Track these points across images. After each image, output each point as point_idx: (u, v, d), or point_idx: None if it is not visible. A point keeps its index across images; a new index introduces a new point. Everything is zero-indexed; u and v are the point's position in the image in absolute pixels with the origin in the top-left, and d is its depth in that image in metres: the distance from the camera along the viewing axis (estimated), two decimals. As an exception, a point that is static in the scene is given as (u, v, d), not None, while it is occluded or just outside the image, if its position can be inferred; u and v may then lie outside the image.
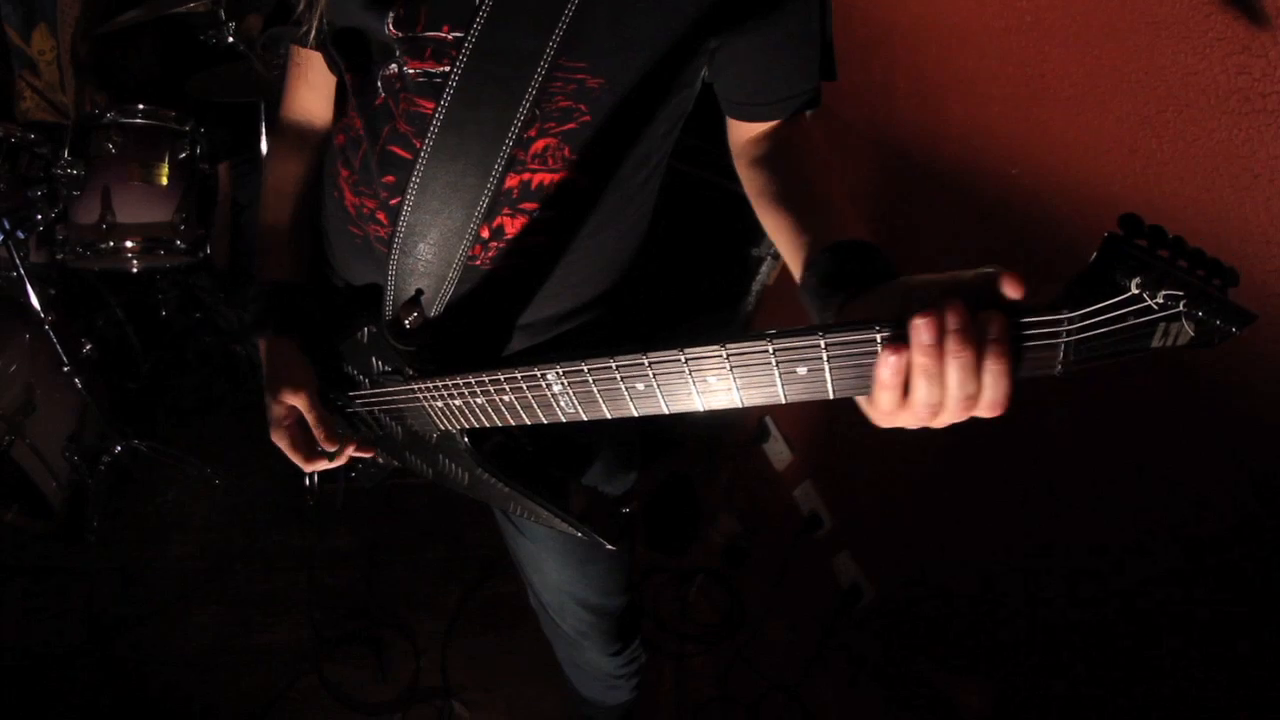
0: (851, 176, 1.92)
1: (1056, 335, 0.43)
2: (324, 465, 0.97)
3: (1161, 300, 0.39)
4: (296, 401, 0.91)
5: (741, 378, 0.56)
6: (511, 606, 1.99)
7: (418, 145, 0.76)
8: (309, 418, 0.92)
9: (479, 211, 0.77)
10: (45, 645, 1.83)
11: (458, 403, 0.79)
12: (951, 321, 0.49)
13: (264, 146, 2.11)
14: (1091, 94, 1.19)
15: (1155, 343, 0.41)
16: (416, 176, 0.76)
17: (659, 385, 0.60)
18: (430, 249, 0.79)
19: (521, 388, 0.70)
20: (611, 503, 0.96)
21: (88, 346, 2.03)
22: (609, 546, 0.86)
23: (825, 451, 2.11)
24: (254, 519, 2.10)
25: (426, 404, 0.84)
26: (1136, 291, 0.39)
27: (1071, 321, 0.42)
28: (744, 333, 0.55)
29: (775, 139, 0.84)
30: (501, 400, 0.73)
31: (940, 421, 0.54)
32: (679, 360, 0.57)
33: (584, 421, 0.69)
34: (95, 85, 2.41)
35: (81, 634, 1.85)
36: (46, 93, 2.28)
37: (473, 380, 0.75)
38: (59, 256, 1.91)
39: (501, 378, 0.71)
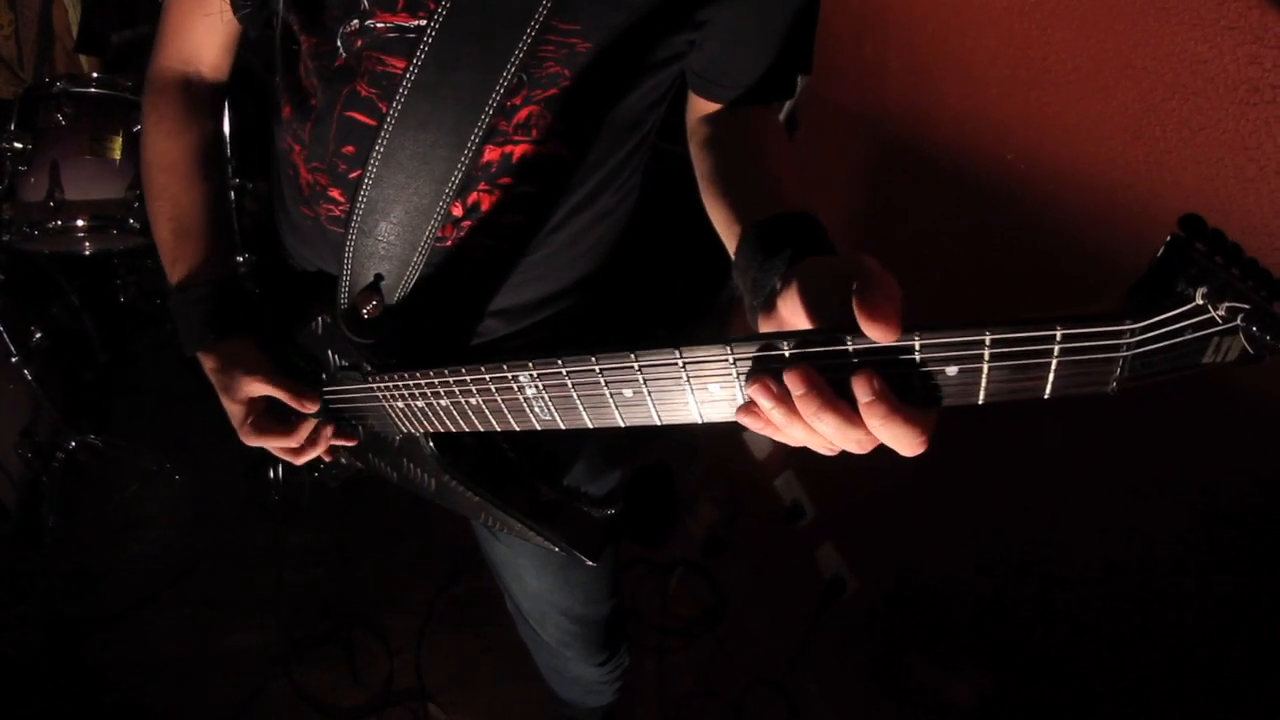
0: (839, 160, 1.87)
1: (1117, 349, 0.37)
2: (315, 452, 0.89)
3: (1224, 313, 0.34)
4: (253, 388, 0.82)
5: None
6: (486, 602, 1.93)
7: (383, 109, 0.67)
8: (274, 392, 0.83)
9: (451, 187, 0.69)
10: (2, 652, 1.74)
11: (420, 404, 0.72)
12: (795, 387, 0.44)
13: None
14: (1095, 79, 1.15)
15: (1207, 359, 0.36)
16: (380, 145, 0.67)
17: (650, 392, 0.51)
18: (393, 229, 0.71)
19: (490, 390, 0.62)
20: (592, 509, 0.90)
21: (38, 335, 1.93)
22: (589, 563, 0.80)
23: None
24: (218, 515, 2.02)
25: (387, 404, 0.77)
26: (1202, 302, 0.34)
27: (1134, 334, 0.36)
28: (752, 335, 0.47)
29: (732, 121, 0.77)
30: (468, 403, 0.66)
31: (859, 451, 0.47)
32: (675, 363, 0.48)
33: (563, 431, 0.61)
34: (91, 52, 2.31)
35: (40, 639, 1.76)
36: (4, 68, 2.17)
37: (435, 380, 0.67)
38: (5, 238, 1.79)
39: (467, 378, 0.63)
